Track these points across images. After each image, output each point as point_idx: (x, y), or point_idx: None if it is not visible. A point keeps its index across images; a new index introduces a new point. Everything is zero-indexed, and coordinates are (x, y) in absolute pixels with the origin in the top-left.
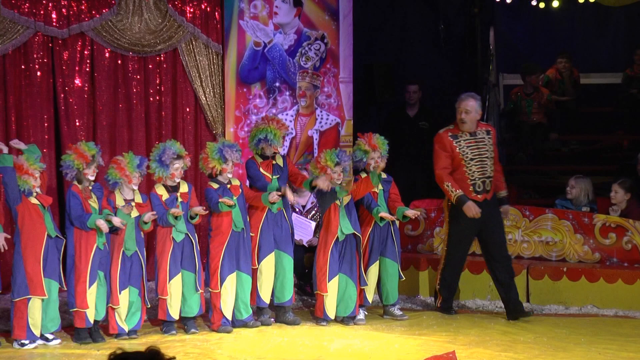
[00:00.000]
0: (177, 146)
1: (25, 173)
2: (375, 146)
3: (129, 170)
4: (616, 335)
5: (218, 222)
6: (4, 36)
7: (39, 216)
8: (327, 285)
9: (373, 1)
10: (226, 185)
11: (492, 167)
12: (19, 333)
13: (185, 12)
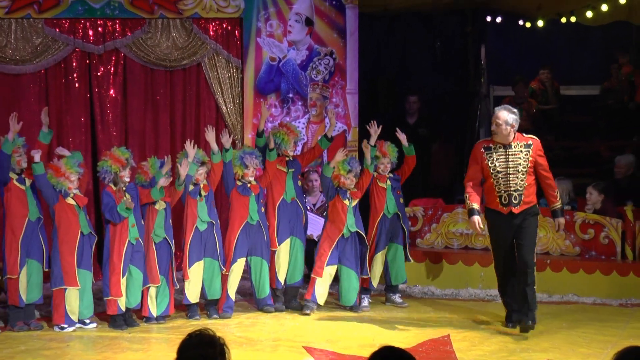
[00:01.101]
0: (200, 153)
1: (62, 175)
2: (386, 153)
3: (152, 173)
4: (594, 321)
5: (233, 216)
6: (47, 52)
7: (74, 215)
8: (323, 270)
9: (377, 21)
10: (247, 184)
11: (523, 180)
12: (57, 318)
13: (208, 30)
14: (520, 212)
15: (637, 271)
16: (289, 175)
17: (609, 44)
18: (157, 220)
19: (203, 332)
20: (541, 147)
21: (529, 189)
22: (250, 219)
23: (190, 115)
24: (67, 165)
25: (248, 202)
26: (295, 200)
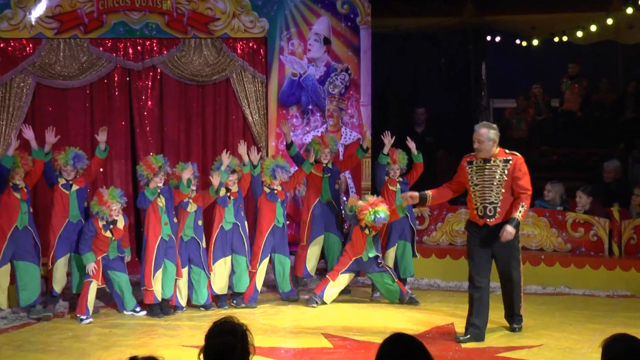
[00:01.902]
0: (234, 162)
1: (104, 204)
2: (396, 160)
3: (181, 174)
4: (584, 310)
5: (261, 219)
6: (91, 68)
7: (105, 243)
8: (338, 276)
9: (388, 40)
10: (275, 191)
11: (498, 194)
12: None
13: (236, 49)
14: (497, 225)
15: (623, 266)
16: (325, 180)
17: (597, 60)
18: (187, 221)
19: (226, 320)
20: (522, 165)
21: (505, 204)
22: (277, 221)
23: (219, 125)
24: (110, 196)
25: (275, 207)
26: (330, 201)
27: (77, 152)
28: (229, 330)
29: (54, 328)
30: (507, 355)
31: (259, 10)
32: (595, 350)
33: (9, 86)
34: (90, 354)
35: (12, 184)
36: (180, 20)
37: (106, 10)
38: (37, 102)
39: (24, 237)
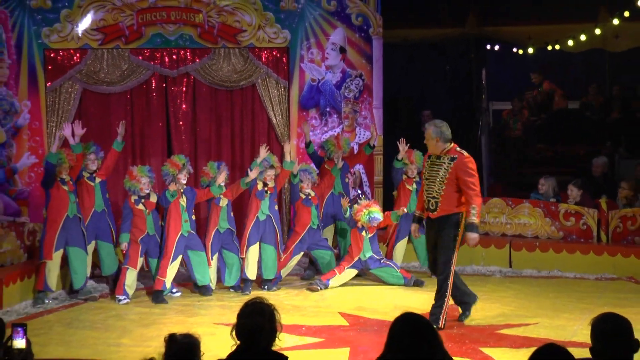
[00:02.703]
0: (272, 159)
1: (134, 179)
2: (413, 161)
3: (212, 174)
4: (575, 292)
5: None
6: (131, 75)
7: (142, 219)
8: (344, 270)
9: (398, 49)
10: (309, 197)
11: (440, 189)
12: (118, 291)
13: (261, 57)
14: (437, 218)
15: (610, 252)
16: (337, 174)
17: (587, 66)
18: (221, 215)
19: (256, 301)
20: (466, 164)
21: (446, 200)
22: (313, 223)
23: (246, 126)
24: (139, 171)
25: (310, 211)
26: (342, 193)
27: (94, 144)
28: (259, 311)
29: (100, 307)
30: (505, 332)
31: (281, 23)
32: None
33: (58, 92)
34: (131, 330)
35: (59, 179)
36: (211, 32)
37: (145, 23)
38: (84, 106)
39: (73, 225)
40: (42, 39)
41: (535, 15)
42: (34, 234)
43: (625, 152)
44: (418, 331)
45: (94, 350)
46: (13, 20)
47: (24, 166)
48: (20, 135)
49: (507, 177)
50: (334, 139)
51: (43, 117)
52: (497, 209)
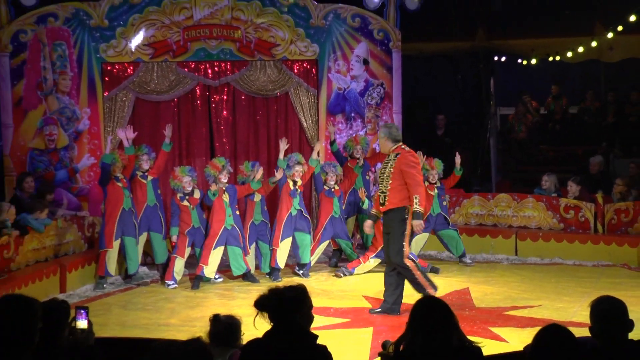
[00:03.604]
0: (299, 156)
1: (176, 178)
2: (433, 167)
3: (247, 172)
4: (574, 277)
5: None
6: (178, 85)
7: (187, 214)
8: (368, 259)
9: (415, 60)
10: (332, 189)
11: (387, 184)
12: (168, 277)
13: (293, 68)
14: (385, 212)
15: (605, 241)
16: (358, 172)
17: (584, 75)
18: (256, 208)
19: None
20: (407, 157)
21: (393, 193)
22: (335, 212)
23: (280, 129)
24: (181, 171)
25: (332, 201)
26: (362, 188)
27: (147, 146)
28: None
29: (151, 291)
30: (512, 314)
31: (311, 38)
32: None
33: (114, 100)
34: (179, 312)
35: (114, 176)
36: (249, 46)
37: (190, 39)
38: (136, 113)
39: (128, 218)
40: (100, 54)
41: (538, 29)
42: (93, 226)
43: (620, 152)
44: (437, 312)
45: (146, 330)
46: (75, 37)
47: (84, 166)
48: (80, 139)
49: (513, 175)
50: (353, 139)
51: (101, 122)
52: (504, 203)
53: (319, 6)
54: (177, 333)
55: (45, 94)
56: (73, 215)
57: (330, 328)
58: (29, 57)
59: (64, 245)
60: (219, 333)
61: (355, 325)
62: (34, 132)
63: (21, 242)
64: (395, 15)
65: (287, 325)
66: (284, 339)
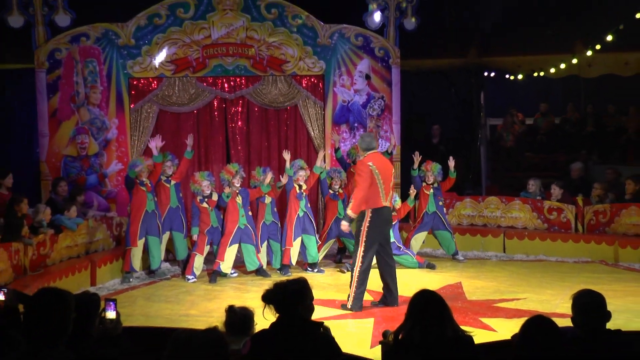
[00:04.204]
0: (302, 162)
1: (196, 182)
2: (429, 169)
3: (258, 177)
4: (558, 273)
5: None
6: (198, 98)
7: (207, 215)
8: None
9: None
10: (336, 193)
11: (352, 189)
12: (187, 272)
13: (302, 83)
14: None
15: (585, 240)
16: None
17: (566, 89)
18: (267, 210)
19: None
20: (358, 167)
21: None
22: (339, 214)
23: (290, 138)
24: (200, 176)
25: (337, 204)
26: None
27: (170, 153)
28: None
29: (172, 285)
30: (500, 306)
31: (318, 55)
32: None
33: (139, 112)
34: (198, 304)
35: (139, 181)
36: (261, 63)
37: (208, 56)
38: (159, 123)
39: (151, 219)
40: (127, 70)
41: (524, 48)
42: (120, 225)
43: (598, 159)
44: (433, 305)
45: (168, 320)
46: (104, 55)
47: (113, 171)
48: (109, 146)
49: (501, 180)
50: (355, 147)
51: (127, 132)
52: (493, 205)
53: (325, 26)
54: (196, 323)
55: (77, 106)
56: (102, 216)
57: (335, 318)
58: (63, 73)
59: (94, 243)
60: (234, 323)
61: (358, 316)
62: (67, 140)
63: (56, 240)
64: (394, 34)
65: (291, 316)
66: (289, 328)
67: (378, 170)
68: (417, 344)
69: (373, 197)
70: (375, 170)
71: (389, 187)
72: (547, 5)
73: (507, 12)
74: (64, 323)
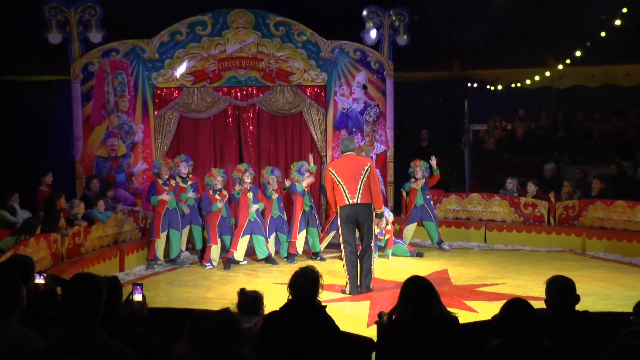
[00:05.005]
0: (307, 165)
1: (212, 176)
2: (417, 165)
3: (266, 176)
4: (532, 261)
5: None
6: (214, 106)
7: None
8: None
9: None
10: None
11: None
12: (205, 260)
13: (306, 92)
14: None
15: (556, 232)
16: None
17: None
18: (274, 205)
19: (304, 268)
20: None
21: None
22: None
23: (296, 142)
24: (216, 171)
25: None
26: None
27: (185, 155)
28: (304, 274)
29: (191, 271)
30: (482, 290)
31: (321, 67)
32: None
33: (162, 118)
34: (214, 287)
35: (161, 182)
36: (270, 74)
37: (224, 69)
38: (180, 128)
39: (172, 214)
40: (151, 81)
41: (503, 62)
42: (145, 218)
43: (568, 160)
44: (423, 289)
45: (187, 302)
46: (132, 68)
47: (139, 171)
48: (136, 148)
49: (483, 178)
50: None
51: (152, 135)
52: (475, 201)
53: (327, 42)
54: (212, 305)
55: (108, 112)
56: (130, 210)
57: (336, 301)
58: (95, 84)
59: (123, 233)
60: (245, 304)
61: (356, 299)
62: (99, 143)
63: (89, 231)
64: (388, 49)
65: (301, 299)
66: (298, 310)
67: (338, 174)
68: (409, 323)
69: (339, 197)
70: (335, 174)
71: (354, 186)
72: (522, 24)
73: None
74: (96, 304)
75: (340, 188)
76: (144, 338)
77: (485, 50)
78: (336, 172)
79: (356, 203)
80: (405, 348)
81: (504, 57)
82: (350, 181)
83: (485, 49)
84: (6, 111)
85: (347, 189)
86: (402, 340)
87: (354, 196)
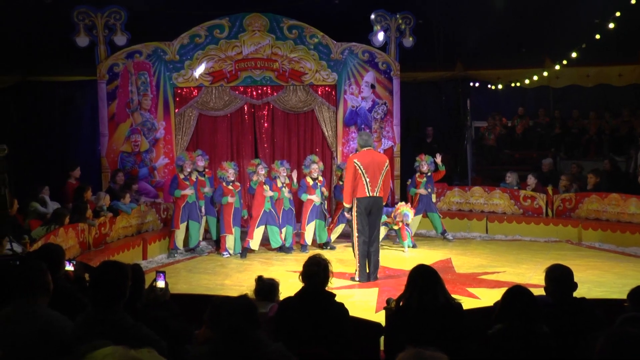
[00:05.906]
0: (313, 157)
1: (224, 169)
2: (423, 159)
3: (277, 168)
4: (531, 250)
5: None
6: (231, 104)
7: (232, 195)
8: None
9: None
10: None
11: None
12: (222, 249)
13: (318, 91)
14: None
15: (554, 223)
16: None
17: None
18: (285, 199)
19: (315, 256)
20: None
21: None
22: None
23: (307, 138)
24: (227, 164)
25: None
26: None
27: (202, 151)
28: (315, 263)
29: (210, 259)
30: (484, 277)
31: (331, 68)
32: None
33: (182, 115)
34: (231, 275)
35: (182, 176)
36: (284, 74)
37: (240, 69)
38: (199, 125)
39: (192, 206)
40: (172, 81)
41: (503, 62)
42: (167, 210)
43: (564, 155)
44: (428, 276)
45: (206, 288)
46: (154, 68)
47: (160, 165)
48: (157, 144)
49: (484, 173)
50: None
51: (173, 132)
52: (477, 194)
53: (337, 44)
54: (230, 291)
55: (131, 110)
56: (152, 202)
57: (346, 288)
58: (120, 84)
59: (145, 224)
60: (261, 290)
61: (365, 286)
62: (123, 139)
63: (114, 222)
64: (395, 51)
65: (314, 286)
66: (311, 296)
67: (363, 166)
68: (415, 309)
69: (358, 188)
70: (360, 166)
71: (376, 180)
72: (521, 28)
73: (489, 34)
74: (122, 289)
75: (363, 180)
76: (167, 321)
77: (486, 52)
78: (362, 164)
79: (375, 195)
80: (412, 332)
81: (504, 58)
82: (375, 174)
83: (486, 50)
84: (38, 110)
85: (370, 181)
86: (409, 325)
87: (374, 189)
